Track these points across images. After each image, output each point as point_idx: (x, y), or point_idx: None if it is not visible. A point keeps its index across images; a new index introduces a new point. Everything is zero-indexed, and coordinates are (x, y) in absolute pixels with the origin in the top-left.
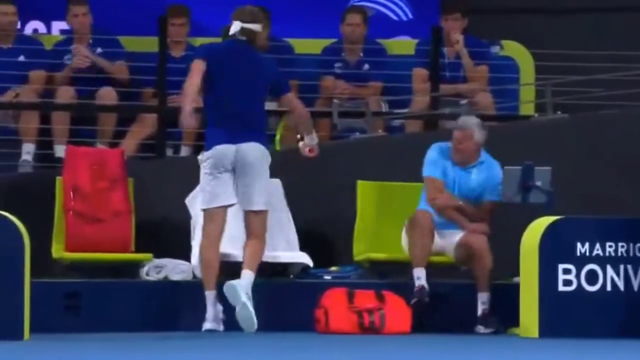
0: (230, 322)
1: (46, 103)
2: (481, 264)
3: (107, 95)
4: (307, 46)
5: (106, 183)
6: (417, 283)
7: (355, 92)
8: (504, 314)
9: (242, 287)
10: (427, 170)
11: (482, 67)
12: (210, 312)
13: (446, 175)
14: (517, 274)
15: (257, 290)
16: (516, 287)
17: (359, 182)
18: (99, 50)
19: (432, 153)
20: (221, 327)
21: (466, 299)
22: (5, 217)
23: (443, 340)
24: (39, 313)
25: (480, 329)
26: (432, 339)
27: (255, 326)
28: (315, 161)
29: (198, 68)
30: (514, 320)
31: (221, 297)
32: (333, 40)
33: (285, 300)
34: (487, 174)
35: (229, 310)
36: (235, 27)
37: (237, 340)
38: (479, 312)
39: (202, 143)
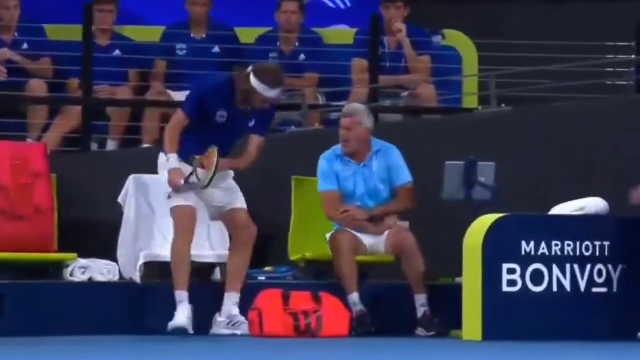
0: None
1: None
2: (412, 265)
3: (37, 87)
4: (244, 35)
5: (28, 178)
6: (355, 309)
7: (291, 84)
8: (446, 315)
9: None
10: (320, 186)
11: (425, 58)
12: (182, 311)
13: (344, 180)
14: (460, 274)
15: (189, 292)
16: (458, 288)
17: (294, 178)
18: (25, 46)
19: (321, 165)
20: (191, 329)
21: (405, 300)
22: None
23: (382, 344)
24: None
25: (421, 332)
26: (371, 343)
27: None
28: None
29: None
30: (456, 323)
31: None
32: (268, 28)
33: (215, 302)
34: (387, 160)
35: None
36: (266, 91)
37: (168, 345)
38: (419, 314)
39: (129, 137)
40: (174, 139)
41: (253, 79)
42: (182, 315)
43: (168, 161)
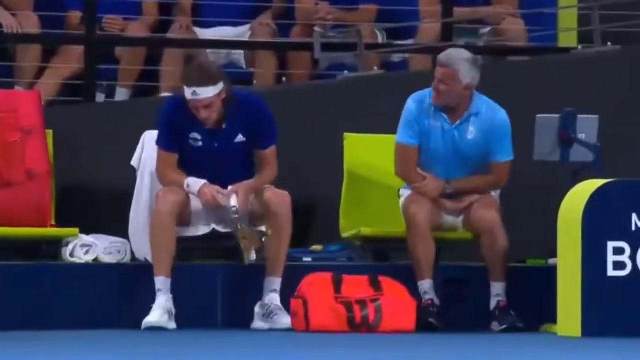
0: (183, 316)
1: None
2: (492, 247)
3: (27, 22)
4: None
5: (17, 135)
6: (425, 298)
7: (343, 18)
8: (535, 306)
9: None
10: (399, 135)
11: None
12: (160, 303)
13: (428, 137)
14: (555, 254)
15: (212, 276)
16: (552, 272)
17: (347, 135)
18: None
19: (408, 108)
20: (173, 324)
21: (487, 288)
22: None
23: (457, 341)
24: None
25: (495, 325)
26: (444, 340)
27: None
28: (291, 108)
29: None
30: (549, 315)
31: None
32: None
33: (249, 288)
34: (489, 126)
35: (180, 301)
36: (193, 94)
37: (189, 340)
38: (492, 305)
39: (144, 83)
40: (174, 176)
41: (184, 89)
42: (157, 312)
43: (189, 188)
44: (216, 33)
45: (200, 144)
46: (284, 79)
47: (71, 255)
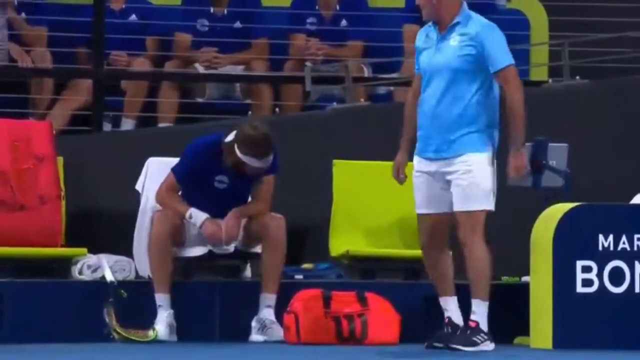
0: (183, 330)
1: None
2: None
3: (41, 57)
4: None
5: (31, 162)
6: (446, 315)
7: (332, 53)
8: (510, 320)
9: None
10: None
11: None
12: (162, 318)
13: (420, 55)
14: (527, 272)
15: (211, 292)
16: (526, 288)
17: (336, 162)
18: (23, 15)
19: (416, 41)
20: (174, 337)
21: (462, 300)
22: None
23: (437, 353)
24: None
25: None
26: (424, 352)
27: None
28: (284, 136)
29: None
30: (523, 329)
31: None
32: None
33: (245, 303)
34: (474, 34)
35: (181, 316)
36: (255, 162)
37: (190, 352)
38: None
39: (147, 114)
40: (176, 202)
41: (238, 151)
42: (159, 326)
43: (191, 219)
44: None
45: (226, 185)
46: (277, 109)
47: (80, 273)
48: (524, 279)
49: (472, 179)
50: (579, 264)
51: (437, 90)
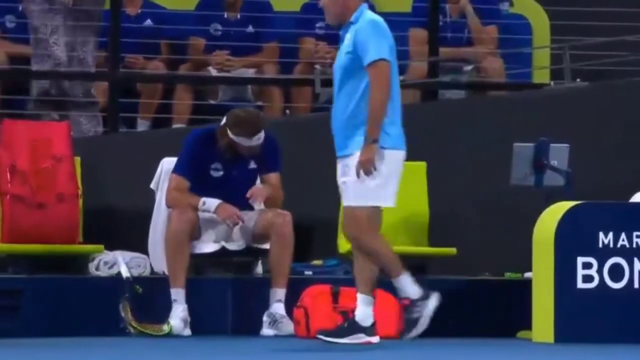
0: (197, 324)
1: None
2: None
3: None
4: (285, 3)
5: (49, 162)
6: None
7: None
8: (514, 315)
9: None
10: None
11: (491, 28)
12: (177, 312)
13: None
14: (529, 269)
15: (223, 288)
16: (528, 284)
17: None
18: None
19: None
20: (188, 331)
21: (467, 296)
22: None
23: (441, 346)
24: None
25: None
26: (425, 344)
27: None
28: (294, 137)
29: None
30: (526, 323)
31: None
32: None
33: (256, 298)
34: (352, 35)
35: (194, 311)
36: (248, 142)
37: (203, 345)
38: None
39: (162, 115)
40: (187, 198)
41: (230, 133)
42: (173, 320)
43: (204, 206)
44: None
45: (221, 173)
46: (287, 111)
47: (96, 269)
48: (527, 275)
49: (354, 177)
50: (580, 260)
51: (334, 90)
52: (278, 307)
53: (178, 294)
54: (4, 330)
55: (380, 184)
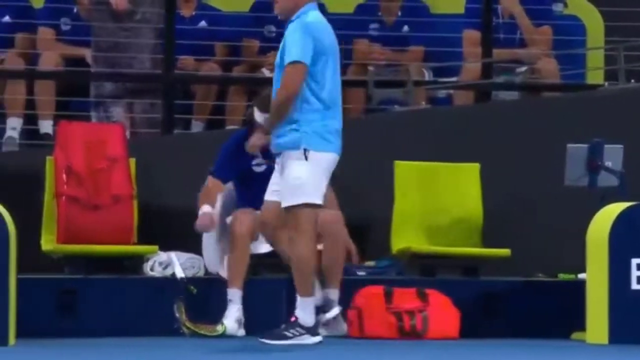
0: (251, 324)
1: (31, 71)
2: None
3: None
4: (339, 4)
5: (104, 163)
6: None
7: (394, 58)
8: (567, 316)
9: None
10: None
11: (545, 29)
12: (231, 313)
13: None
14: (583, 269)
15: (278, 288)
16: (582, 285)
17: (397, 163)
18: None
19: None
20: (242, 332)
21: (521, 297)
22: None
23: (496, 347)
24: (27, 315)
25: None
26: (484, 345)
27: None
28: (347, 138)
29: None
30: (579, 324)
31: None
32: None
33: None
34: (286, 33)
35: (249, 311)
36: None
37: (257, 345)
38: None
39: (216, 117)
40: (203, 199)
41: (256, 114)
42: (228, 320)
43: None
44: None
45: (264, 167)
46: None
47: (151, 269)
48: (581, 276)
49: (285, 177)
50: (634, 261)
51: (273, 87)
52: (332, 308)
53: (234, 295)
54: (59, 330)
55: (307, 182)
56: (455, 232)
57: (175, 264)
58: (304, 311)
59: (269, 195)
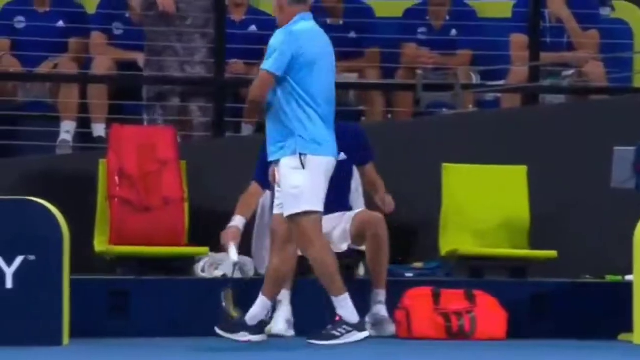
0: (301, 325)
1: (84, 75)
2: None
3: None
4: (387, 8)
5: (156, 166)
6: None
7: (442, 62)
8: (614, 317)
9: None
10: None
11: (592, 32)
12: (281, 313)
13: None
14: (630, 271)
15: (321, 289)
16: (629, 287)
17: (445, 165)
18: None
19: None
20: (292, 332)
21: (568, 298)
22: (42, 205)
23: (543, 348)
24: (80, 315)
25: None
26: (531, 346)
27: None
28: (395, 141)
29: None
30: (627, 325)
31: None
32: (416, 1)
33: (359, 299)
34: None
35: (298, 312)
36: None
37: (307, 347)
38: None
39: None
40: (239, 206)
41: None
42: (278, 321)
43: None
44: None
45: None
46: (389, 115)
47: (202, 271)
48: (628, 277)
49: (283, 186)
50: None
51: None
52: (379, 309)
53: (284, 295)
54: (112, 330)
55: (302, 189)
56: (502, 234)
57: (232, 248)
58: (344, 309)
59: (276, 210)
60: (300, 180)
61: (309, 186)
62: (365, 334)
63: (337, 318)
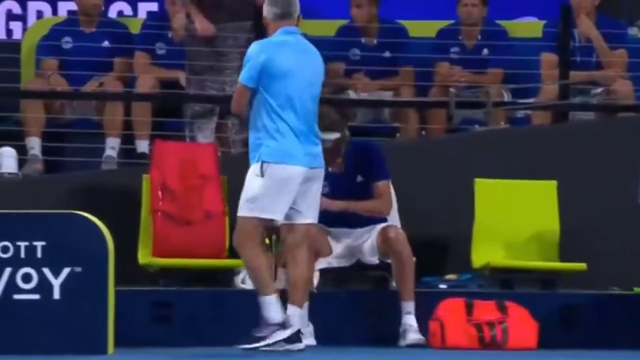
0: (332, 335)
1: (128, 93)
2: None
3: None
4: (421, 28)
5: (197, 181)
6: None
7: (474, 80)
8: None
9: None
10: None
11: (620, 52)
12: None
13: None
14: None
15: (359, 300)
16: None
17: (477, 180)
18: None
19: None
20: (312, 341)
21: (597, 310)
22: (87, 219)
23: (573, 358)
24: (124, 325)
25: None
26: (561, 356)
27: None
28: (429, 157)
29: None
30: None
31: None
32: (449, 22)
33: (390, 311)
34: None
35: (331, 322)
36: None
37: (336, 356)
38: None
39: None
40: None
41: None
42: (307, 333)
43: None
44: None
45: (327, 189)
46: (423, 132)
47: (242, 282)
48: None
49: (244, 188)
50: None
51: None
52: (407, 318)
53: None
54: (156, 340)
55: (256, 196)
56: (533, 246)
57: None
58: (267, 310)
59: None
60: (256, 187)
61: (263, 194)
62: (291, 330)
63: (264, 321)
